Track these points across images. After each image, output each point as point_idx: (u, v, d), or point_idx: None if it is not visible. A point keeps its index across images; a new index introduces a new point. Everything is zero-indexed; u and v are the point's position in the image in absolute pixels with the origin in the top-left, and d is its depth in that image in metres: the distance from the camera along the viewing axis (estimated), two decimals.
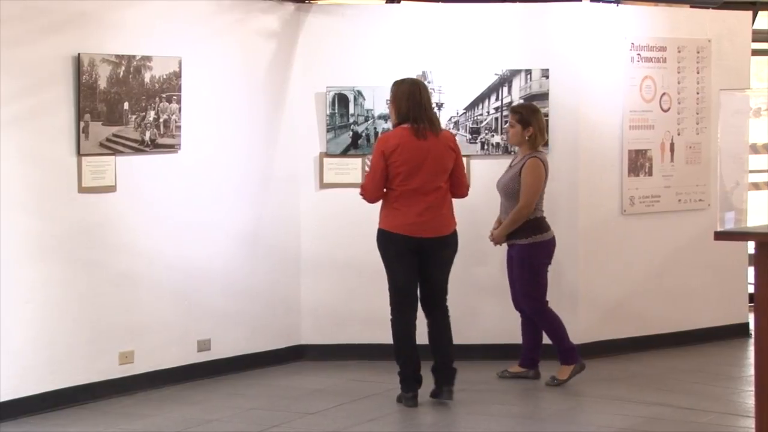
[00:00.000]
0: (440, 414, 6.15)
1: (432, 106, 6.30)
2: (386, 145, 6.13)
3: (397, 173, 6.10)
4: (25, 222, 5.99)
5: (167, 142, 6.65)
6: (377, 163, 6.13)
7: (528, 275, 6.71)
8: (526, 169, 6.66)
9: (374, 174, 6.15)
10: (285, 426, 5.92)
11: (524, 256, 6.70)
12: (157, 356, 6.67)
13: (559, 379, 6.70)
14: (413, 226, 6.13)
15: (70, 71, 6.14)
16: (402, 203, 6.12)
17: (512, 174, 6.73)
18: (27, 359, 6.01)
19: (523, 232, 6.68)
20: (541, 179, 6.71)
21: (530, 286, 6.71)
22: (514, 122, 6.77)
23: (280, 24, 7.32)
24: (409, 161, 6.09)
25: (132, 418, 6.05)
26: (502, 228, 6.73)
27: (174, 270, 6.70)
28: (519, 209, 6.65)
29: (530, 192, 6.65)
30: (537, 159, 6.72)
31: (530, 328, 6.87)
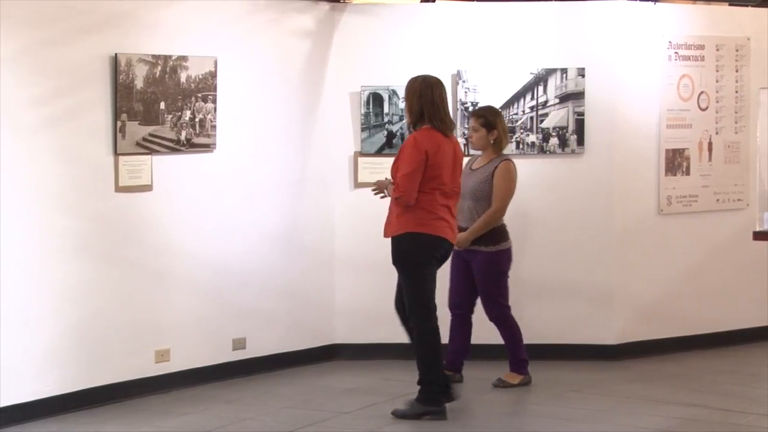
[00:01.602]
0: (474, 415, 6.13)
1: (446, 105, 6.04)
2: (430, 144, 5.88)
3: (435, 175, 5.89)
4: (62, 221, 6.04)
5: (203, 142, 6.68)
6: (420, 163, 5.85)
7: (494, 282, 6.61)
8: (501, 173, 6.57)
9: (416, 173, 5.84)
10: (319, 425, 5.93)
11: (491, 264, 6.58)
12: (193, 354, 6.71)
13: (509, 382, 6.65)
14: (449, 231, 5.98)
15: (107, 71, 6.19)
16: (436, 207, 5.91)
17: (482, 177, 6.59)
18: (64, 357, 6.07)
19: (489, 239, 6.56)
20: (514, 183, 6.64)
21: (497, 292, 6.61)
22: (477, 126, 6.64)
23: (315, 23, 7.34)
24: (447, 162, 5.94)
25: (167, 416, 6.09)
26: (470, 232, 6.54)
27: (209, 269, 6.73)
28: (493, 212, 6.54)
29: (505, 196, 6.57)
30: (511, 162, 6.67)
31: (461, 331, 6.71)
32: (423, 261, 5.94)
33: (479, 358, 7.17)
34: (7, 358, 5.79)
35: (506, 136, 6.73)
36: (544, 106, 7.43)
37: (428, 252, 5.94)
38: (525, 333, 7.37)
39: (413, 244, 5.93)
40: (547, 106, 7.44)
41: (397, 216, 5.94)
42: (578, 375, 6.99)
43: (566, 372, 7.09)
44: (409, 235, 5.92)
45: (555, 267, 7.44)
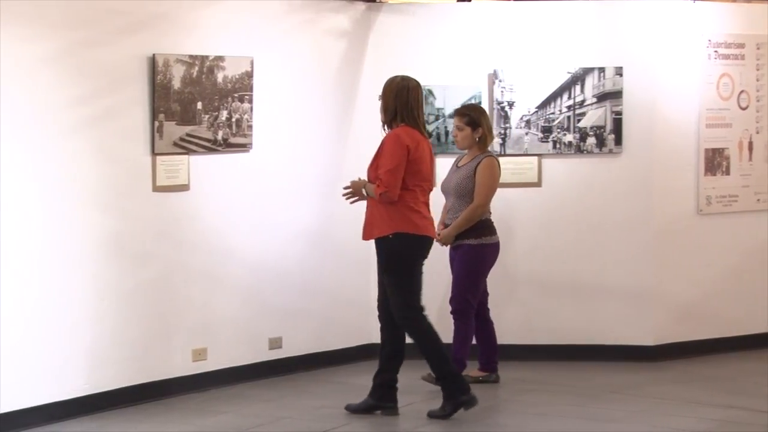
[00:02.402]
0: (512, 415, 6.11)
1: (421, 108, 5.96)
2: (410, 140, 5.83)
3: (417, 171, 5.85)
4: (100, 220, 6.09)
5: (239, 142, 6.71)
6: (402, 158, 5.78)
7: (468, 276, 6.53)
8: (482, 168, 6.53)
9: (399, 168, 5.78)
10: (354, 424, 5.93)
11: (470, 257, 6.52)
12: (229, 353, 6.73)
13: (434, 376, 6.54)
14: (432, 227, 5.98)
15: (145, 72, 6.23)
16: (419, 205, 5.88)
17: (465, 173, 6.56)
18: (102, 356, 6.11)
19: (473, 232, 6.52)
20: (497, 178, 6.59)
21: (467, 287, 6.53)
22: (462, 125, 6.60)
23: (351, 23, 7.34)
24: (424, 160, 5.91)
25: (204, 415, 6.11)
26: (452, 227, 6.52)
27: (246, 268, 6.76)
28: (474, 208, 6.50)
29: (486, 191, 6.52)
30: (493, 158, 6.62)
31: (484, 331, 6.71)
32: (414, 261, 5.90)
33: (514, 359, 7.16)
34: (47, 356, 5.84)
35: (491, 133, 6.67)
36: (582, 105, 7.39)
37: (419, 251, 5.92)
38: (562, 333, 7.37)
39: (404, 243, 5.85)
40: (584, 105, 7.39)
41: (381, 216, 5.88)
42: (615, 376, 6.94)
43: (603, 373, 7.04)
44: (399, 235, 5.84)
45: (592, 267, 7.39)
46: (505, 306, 7.42)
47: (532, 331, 7.41)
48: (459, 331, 6.57)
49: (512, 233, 7.42)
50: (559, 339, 7.39)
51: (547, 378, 6.90)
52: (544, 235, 7.42)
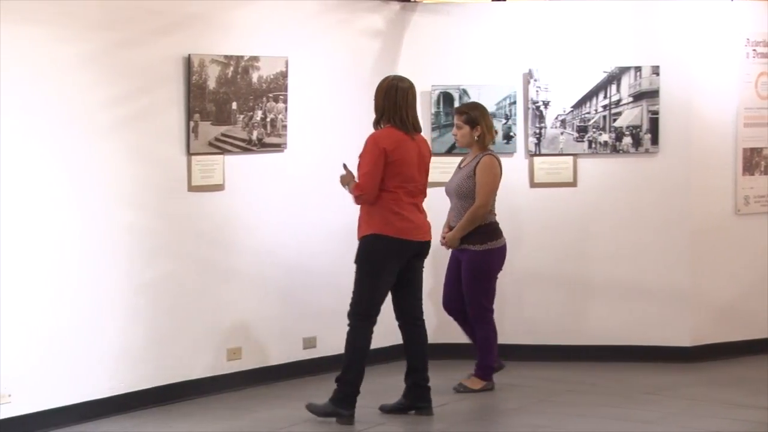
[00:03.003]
0: (546, 415, 6.07)
1: (410, 108, 5.88)
2: (388, 142, 5.78)
3: (397, 173, 5.78)
4: (136, 220, 6.13)
5: (274, 142, 6.73)
6: (378, 160, 5.74)
7: (479, 283, 6.46)
8: (482, 168, 6.44)
9: (376, 172, 5.74)
10: (389, 425, 5.93)
11: (477, 263, 6.44)
12: (264, 353, 6.75)
13: (470, 388, 6.50)
14: (415, 230, 5.85)
15: (181, 72, 6.26)
16: (401, 206, 5.81)
17: (465, 173, 6.49)
18: (137, 355, 6.15)
19: (478, 237, 6.43)
20: (497, 177, 6.49)
21: (481, 294, 6.46)
22: (461, 123, 6.51)
23: (386, 23, 7.34)
24: (407, 161, 5.82)
25: (239, 414, 6.13)
26: (456, 230, 6.44)
27: (280, 268, 6.77)
28: (475, 208, 6.41)
29: (487, 190, 6.43)
30: (492, 157, 6.53)
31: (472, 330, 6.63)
32: (385, 264, 5.84)
33: (549, 360, 7.14)
34: (82, 355, 5.89)
35: (490, 132, 6.56)
36: (618, 104, 7.34)
37: (390, 255, 5.82)
38: (597, 334, 7.33)
39: (375, 245, 5.82)
40: (620, 104, 7.34)
41: (363, 217, 5.89)
42: (652, 377, 6.88)
43: (639, 374, 6.99)
44: (373, 236, 5.82)
45: (628, 268, 7.34)
46: (540, 307, 7.39)
47: (566, 332, 7.37)
48: (482, 338, 6.53)
49: (547, 233, 7.39)
50: (594, 340, 7.34)
51: (583, 379, 6.86)
52: (579, 235, 7.38)
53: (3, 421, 5.54)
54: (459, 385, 6.54)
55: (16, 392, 5.59)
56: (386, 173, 5.79)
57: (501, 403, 6.32)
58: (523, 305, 7.41)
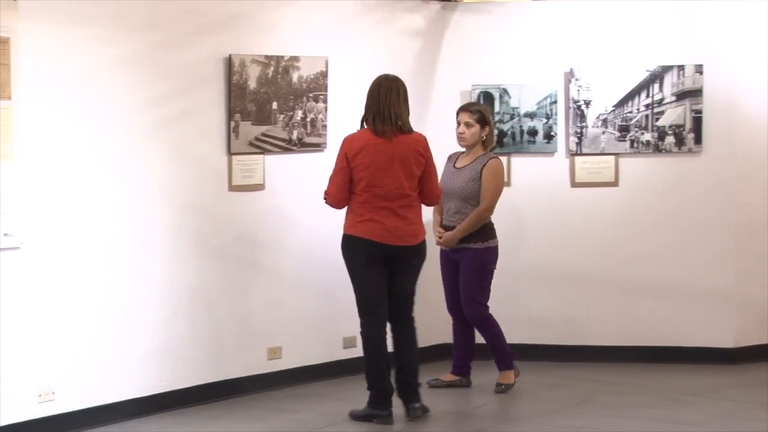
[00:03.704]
0: (587, 416, 6.03)
1: (401, 105, 5.76)
2: (350, 147, 5.73)
3: (361, 177, 5.71)
4: (177, 219, 6.17)
5: (314, 141, 6.74)
6: (340, 166, 5.74)
7: (478, 280, 6.41)
8: (490, 171, 6.38)
9: (337, 178, 5.76)
10: (429, 424, 5.92)
11: (477, 261, 6.39)
12: (304, 352, 6.77)
13: (506, 384, 6.47)
14: (384, 233, 5.74)
15: (222, 72, 6.29)
16: (367, 209, 5.73)
17: (470, 176, 6.40)
18: (178, 353, 6.19)
19: (478, 236, 6.38)
20: (503, 180, 6.48)
21: (479, 291, 6.42)
22: (472, 121, 6.42)
23: (426, 23, 7.33)
24: (373, 165, 5.70)
25: (279, 413, 6.15)
26: (458, 230, 6.37)
27: (320, 267, 6.78)
28: (482, 211, 6.36)
29: (494, 194, 6.39)
30: (499, 160, 6.49)
31: (464, 334, 6.59)
32: (353, 263, 5.81)
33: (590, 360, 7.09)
34: (125, 353, 5.93)
35: (493, 134, 6.57)
36: (660, 103, 7.28)
37: (356, 254, 5.79)
38: (639, 335, 7.27)
39: (345, 246, 5.84)
40: (663, 103, 7.28)
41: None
42: (695, 379, 6.82)
43: (682, 375, 6.93)
44: (344, 236, 5.85)
45: (671, 268, 7.28)
46: (581, 307, 7.35)
47: (609, 333, 7.32)
48: (487, 338, 6.50)
49: (588, 233, 7.34)
50: (636, 341, 7.29)
51: (625, 380, 6.81)
52: (621, 235, 7.33)
53: (47, 418, 5.60)
54: (497, 385, 6.53)
55: (60, 390, 5.65)
56: (353, 177, 5.74)
57: (541, 404, 6.29)
58: (564, 306, 7.37)
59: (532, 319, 7.38)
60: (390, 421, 5.83)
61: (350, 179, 5.77)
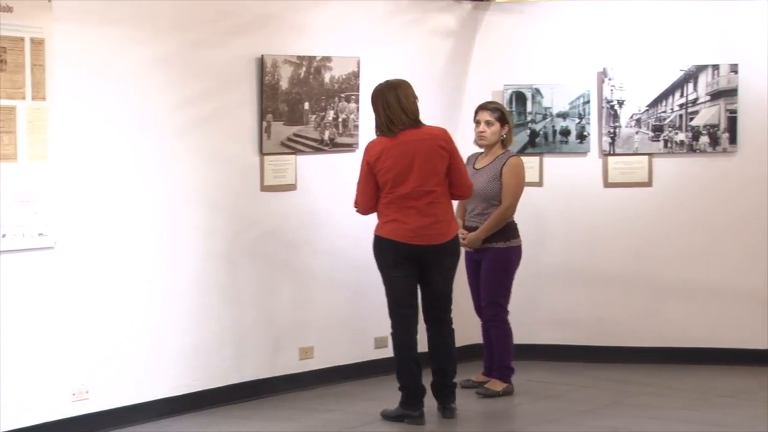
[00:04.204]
0: (621, 418, 5.99)
1: (408, 105, 5.75)
2: (370, 154, 5.75)
3: (385, 181, 5.72)
4: (210, 219, 6.19)
5: (346, 141, 6.74)
6: (364, 174, 5.79)
7: (499, 281, 6.35)
8: (511, 169, 6.33)
9: (362, 185, 5.81)
10: (463, 424, 5.91)
11: (500, 261, 6.33)
12: (336, 352, 6.77)
13: (494, 390, 6.38)
14: (408, 233, 5.72)
15: (254, 72, 6.31)
16: (392, 210, 5.73)
17: (490, 175, 6.34)
18: (212, 353, 6.21)
19: (501, 235, 6.32)
20: (524, 178, 6.40)
21: (499, 292, 6.35)
22: (493, 120, 6.37)
23: (458, 22, 7.32)
24: (395, 166, 5.69)
25: (311, 413, 6.16)
26: (482, 231, 6.30)
27: (352, 267, 6.78)
28: (504, 210, 6.30)
29: (516, 192, 6.33)
30: (518, 157, 6.44)
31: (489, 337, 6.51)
32: (382, 263, 5.83)
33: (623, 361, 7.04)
34: (158, 353, 5.97)
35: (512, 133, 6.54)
36: (694, 103, 7.22)
37: (384, 255, 5.80)
38: (672, 336, 7.21)
39: (374, 247, 5.86)
40: (697, 103, 7.22)
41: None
42: (728, 380, 6.76)
43: (715, 377, 6.87)
44: (374, 237, 5.87)
45: (704, 268, 7.22)
46: (614, 308, 7.31)
47: (641, 333, 7.28)
48: (499, 339, 6.43)
49: (621, 234, 7.30)
50: (668, 341, 7.24)
51: (657, 381, 6.76)
52: (654, 235, 7.28)
53: (80, 417, 5.63)
54: (481, 387, 6.45)
55: (94, 389, 5.68)
56: (378, 182, 5.76)
57: (574, 405, 6.26)
58: (596, 306, 7.33)
59: (564, 319, 7.35)
60: (421, 422, 5.83)
61: (376, 185, 5.78)
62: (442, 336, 5.93)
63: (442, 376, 5.92)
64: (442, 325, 5.93)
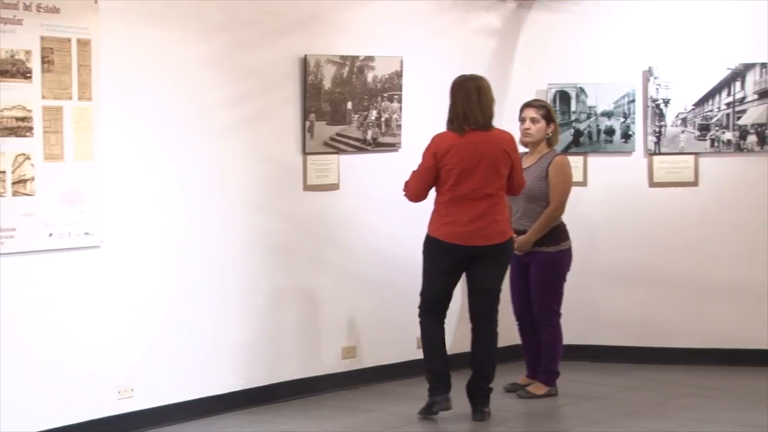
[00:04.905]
0: (669, 419, 5.93)
1: (487, 105, 5.76)
2: (438, 146, 5.72)
3: (448, 177, 5.70)
4: (253, 219, 6.21)
5: (388, 141, 6.74)
6: (427, 163, 5.74)
7: (552, 286, 6.28)
8: (557, 168, 6.23)
9: (421, 174, 5.77)
10: (506, 424, 5.88)
11: (552, 264, 6.25)
12: (378, 352, 6.77)
13: (535, 393, 6.32)
14: (465, 236, 5.70)
15: (297, 72, 6.33)
16: (452, 210, 5.72)
17: (536, 175, 6.24)
18: (254, 352, 6.23)
19: (551, 239, 6.23)
20: (571, 178, 6.31)
21: (552, 297, 6.28)
22: (539, 117, 6.29)
23: (501, 22, 7.29)
24: (459, 165, 5.68)
25: (354, 412, 6.15)
26: (531, 233, 6.21)
27: (395, 267, 6.77)
28: (552, 211, 6.21)
29: (563, 192, 6.23)
30: (565, 157, 6.36)
31: (533, 337, 6.44)
32: (430, 264, 5.83)
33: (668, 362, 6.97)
34: (202, 352, 5.99)
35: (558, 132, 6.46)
36: (742, 102, 7.14)
37: (435, 255, 5.80)
38: (719, 336, 7.14)
39: (426, 245, 5.86)
40: (744, 102, 7.14)
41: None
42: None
43: (763, 378, 6.77)
44: (426, 237, 5.87)
45: (752, 269, 7.13)
46: (660, 308, 7.25)
47: (688, 334, 7.20)
48: (548, 343, 6.37)
49: (667, 234, 7.23)
50: (716, 342, 7.15)
51: (705, 382, 6.68)
52: (700, 235, 7.20)
53: (125, 415, 5.67)
54: (522, 390, 6.41)
55: (139, 387, 5.72)
56: (440, 176, 5.74)
57: (621, 406, 6.20)
58: (644, 307, 7.27)
59: (609, 320, 7.29)
60: (448, 406, 5.86)
61: (435, 177, 5.76)
62: (486, 335, 5.91)
63: (480, 376, 5.91)
64: (487, 324, 5.91)
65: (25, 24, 5.17)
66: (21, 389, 5.26)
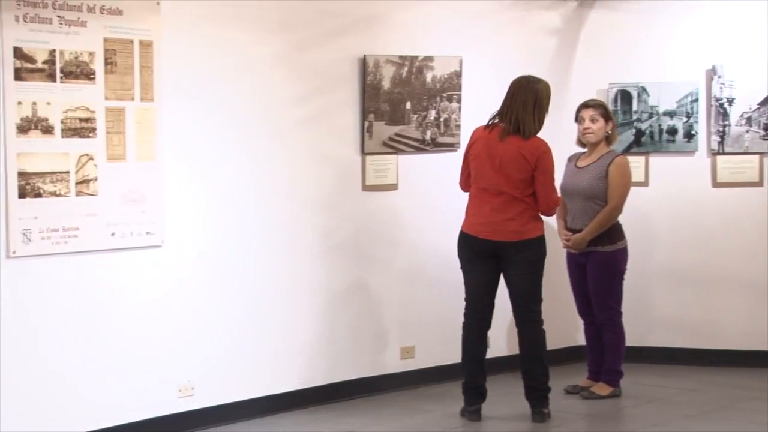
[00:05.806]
0: (732, 423, 5.85)
1: (526, 110, 5.72)
2: (471, 138, 5.93)
3: (472, 168, 5.88)
4: (312, 218, 6.24)
5: (447, 141, 6.72)
6: (464, 155, 5.98)
7: (610, 284, 6.22)
8: (618, 168, 6.19)
9: (462, 166, 5.99)
10: (562, 427, 5.83)
11: (608, 264, 6.20)
12: (436, 352, 6.75)
13: (599, 394, 6.27)
14: (481, 228, 5.78)
15: (356, 73, 6.34)
16: (475, 202, 5.85)
17: (595, 174, 6.20)
18: (314, 351, 6.26)
19: (607, 237, 6.18)
20: (630, 179, 6.25)
21: (610, 296, 6.23)
22: (597, 116, 6.26)
23: (562, 20, 7.24)
24: (478, 157, 5.80)
25: (412, 412, 6.15)
26: (587, 232, 6.18)
27: (453, 267, 6.69)
28: (610, 210, 6.16)
29: (623, 193, 6.19)
30: (625, 157, 6.31)
31: (597, 338, 6.40)
32: (459, 257, 5.93)
33: (732, 365, 6.87)
34: (262, 351, 6.04)
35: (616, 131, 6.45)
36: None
37: (461, 249, 5.91)
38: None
39: (458, 240, 5.95)
40: None
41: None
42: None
43: None
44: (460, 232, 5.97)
45: None
46: (723, 310, 7.15)
47: (751, 336, 7.09)
48: (610, 342, 6.33)
49: (731, 234, 7.13)
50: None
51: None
52: (765, 235, 7.09)
53: (186, 413, 5.73)
54: (586, 391, 6.37)
55: (200, 386, 5.77)
56: (470, 167, 5.90)
57: (681, 409, 6.12)
58: (706, 308, 7.17)
59: (671, 321, 7.21)
60: (474, 418, 5.90)
61: (468, 167, 5.94)
62: (527, 335, 5.91)
63: (530, 377, 5.90)
64: (525, 324, 5.90)
65: (88, 26, 5.25)
66: (81, 387, 5.34)
